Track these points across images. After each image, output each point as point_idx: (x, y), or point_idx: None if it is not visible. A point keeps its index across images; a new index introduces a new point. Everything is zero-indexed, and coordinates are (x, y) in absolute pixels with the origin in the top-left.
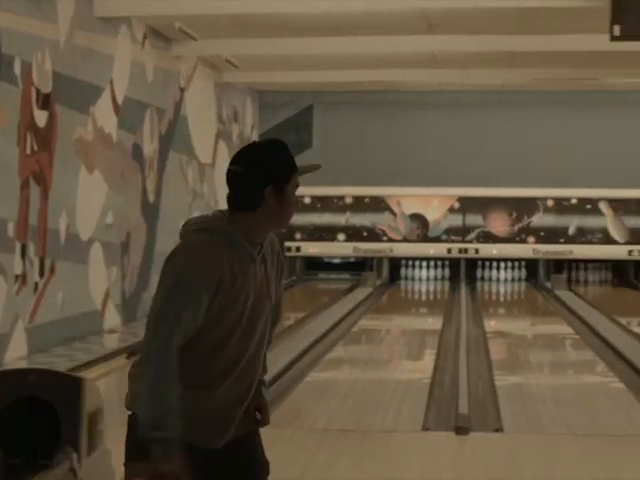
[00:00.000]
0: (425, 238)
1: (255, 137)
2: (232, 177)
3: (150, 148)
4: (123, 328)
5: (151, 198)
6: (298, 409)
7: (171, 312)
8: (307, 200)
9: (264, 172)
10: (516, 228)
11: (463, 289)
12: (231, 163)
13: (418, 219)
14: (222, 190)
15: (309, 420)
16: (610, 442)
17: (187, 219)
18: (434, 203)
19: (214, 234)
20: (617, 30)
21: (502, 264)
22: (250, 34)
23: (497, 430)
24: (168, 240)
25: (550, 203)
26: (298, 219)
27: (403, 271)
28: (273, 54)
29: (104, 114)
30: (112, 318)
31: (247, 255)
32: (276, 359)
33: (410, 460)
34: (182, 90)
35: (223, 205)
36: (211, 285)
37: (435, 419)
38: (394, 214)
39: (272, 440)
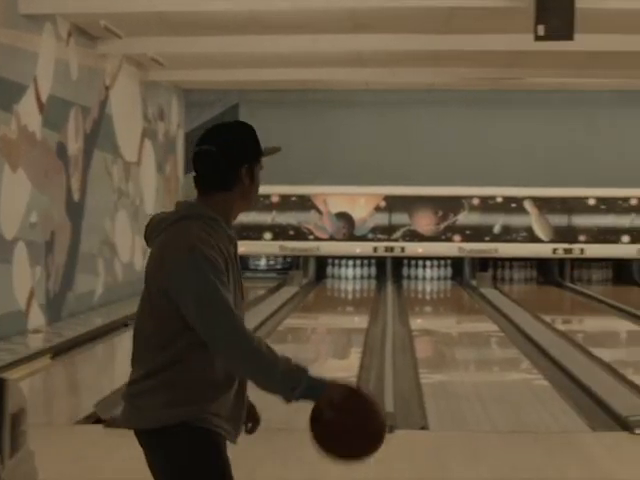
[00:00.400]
0: (351, 237)
1: (181, 136)
2: (205, 156)
3: (75, 147)
4: (47, 328)
5: (76, 197)
6: None
7: (220, 299)
8: None
9: (239, 151)
10: (442, 227)
11: (389, 287)
12: (201, 143)
13: (344, 218)
14: (148, 189)
15: None
16: (534, 439)
17: (155, 215)
18: (360, 202)
19: (205, 219)
20: (541, 30)
21: (428, 262)
22: (176, 32)
23: (422, 428)
24: (93, 239)
25: (476, 202)
26: None
27: (329, 270)
28: (199, 52)
29: (28, 112)
30: (36, 318)
31: (227, 238)
32: None
33: None
34: (107, 88)
35: (149, 204)
36: (224, 271)
37: None
38: (320, 213)
39: None
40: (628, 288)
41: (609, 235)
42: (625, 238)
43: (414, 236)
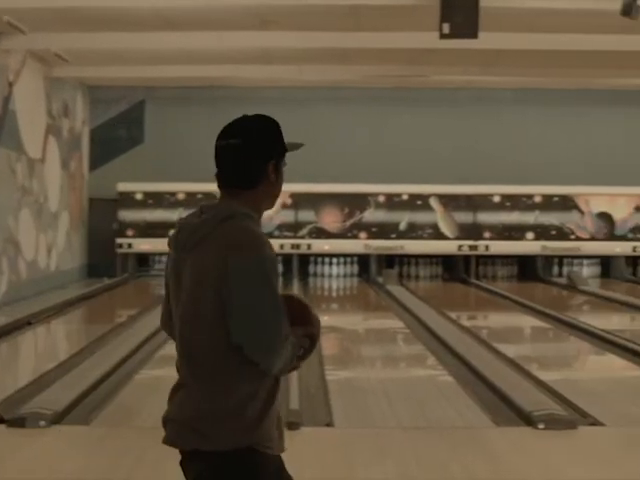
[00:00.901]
0: None
1: (86, 133)
2: (231, 151)
3: None
4: None
5: None
6: (128, 407)
7: (274, 304)
8: (139, 196)
9: (266, 146)
10: (348, 224)
11: (296, 285)
12: (225, 137)
13: None
14: (52, 186)
15: (139, 419)
16: (439, 435)
17: (183, 221)
18: None
19: (253, 218)
20: (446, 28)
21: (334, 259)
22: (80, 28)
23: (328, 425)
24: None
25: (381, 199)
26: (129, 215)
27: None
28: (104, 49)
29: None
30: None
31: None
32: (106, 356)
33: None
34: (10, 84)
35: (53, 201)
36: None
37: None
38: None
39: (101, 439)
40: (532, 284)
41: (514, 232)
42: (529, 235)
43: (320, 233)
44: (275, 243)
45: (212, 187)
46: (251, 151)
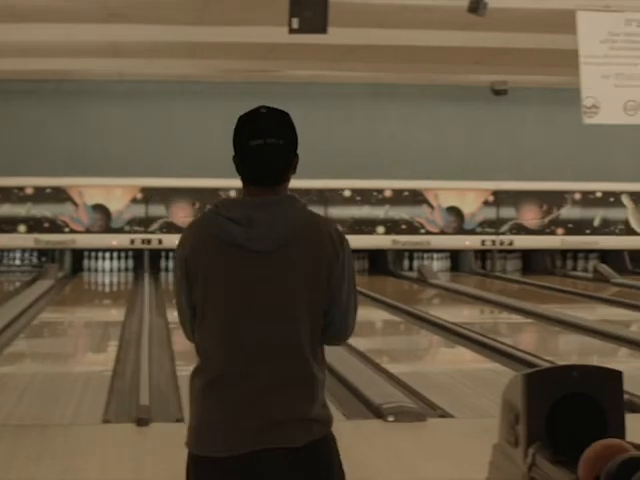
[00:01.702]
0: (108, 229)
1: None
2: (276, 149)
3: None
4: None
5: None
6: None
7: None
8: None
9: (297, 141)
10: None
11: (147, 280)
12: (270, 136)
13: (101, 210)
14: None
15: None
16: None
17: (285, 201)
18: (117, 194)
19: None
20: (295, 23)
21: None
22: None
23: (178, 420)
24: None
25: (233, 194)
26: None
27: (86, 262)
28: None
29: None
30: None
31: None
32: None
33: (90, 453)
34: None
35: None
36: None
37: (115, 411)
38: (76, 205)
39: None
40: (383, 278)
41: (364, 226)
42: (380, 229)
43: (172, 228)
44: (126, 238)
45: (60, 181)
46: (291, 148)
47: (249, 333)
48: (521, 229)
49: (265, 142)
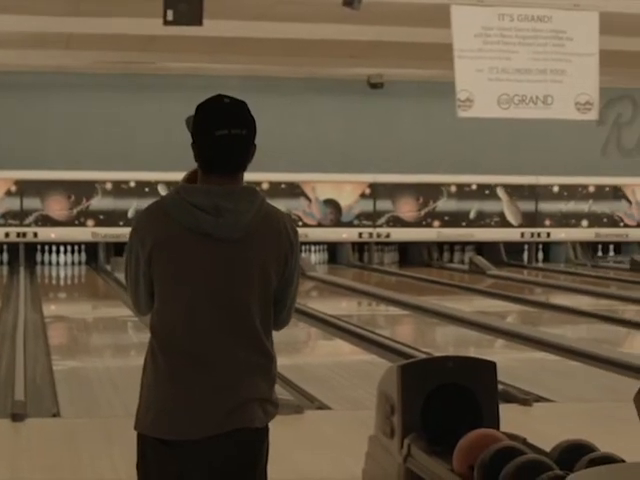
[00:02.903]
0: None
1: None
2: (241, 140)
3: None
4: None
5: None
6: None
7: None
8: None
9: (255, 131)
10: (75, 211)
11: (22, 273)
12: (233, 126)
13: None
14: None
15: None
16: None
17: (240, 190)
18: None
19: None
20: (170, 15)
21: (62, 248)
22: None
23: (54, 415)
24: None
25: (109, 186)
26: None
27: None
28: None
29: None
30: None
31: None
32: None
33: None
34: None
35: None
36: None
37: None
38: None
39: None
40: None
41: None
42: None
43: (47, 221)
44: (0, 232)
45: None
46: (252, 138)
47: (210, 317)
48: (398, 221)
49: (230, 132)
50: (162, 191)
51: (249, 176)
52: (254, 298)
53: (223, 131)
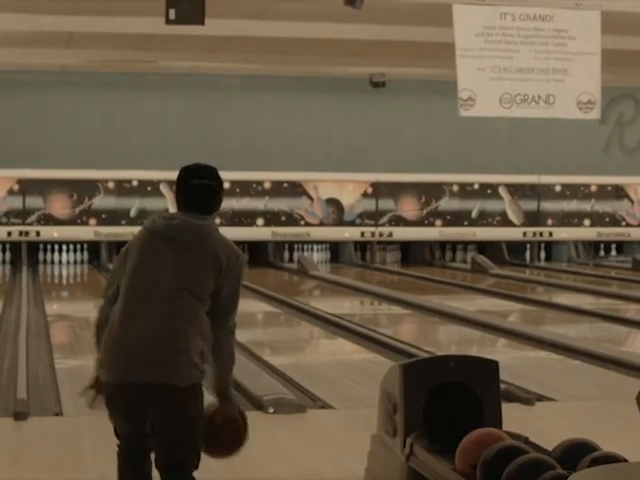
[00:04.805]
0: None
1: None
2: (210, 189)
3: None
4: None
5: None
6: None
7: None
8: None
9: (222, 184)
10: (77, 210)
11: (24, 272)
12: (202, 177)
13: None
14: None
15: None
16: None
17: (174, 216)
18: None
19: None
20: (172, 14)
21: (64, 246)
22: None
23: (57, 414)
24: None
25: (111, 185)
26: None
27: None
28: None
29: None
30: None
31: None
32: None
33: None
34: None
35: None
36: None
37: None
38: None
39: None
40: (264, 270)
41: (244, 218)
42: (260, 221)
43: (49, 220)
44: (3, 230)
45: None
46: (220, 189)
47: (150, 288)
48: (400, 221)
49: (202, 182)
50: (164, 190)
51: (252, 176)
52: (188, 283)
53: (199, 180)
